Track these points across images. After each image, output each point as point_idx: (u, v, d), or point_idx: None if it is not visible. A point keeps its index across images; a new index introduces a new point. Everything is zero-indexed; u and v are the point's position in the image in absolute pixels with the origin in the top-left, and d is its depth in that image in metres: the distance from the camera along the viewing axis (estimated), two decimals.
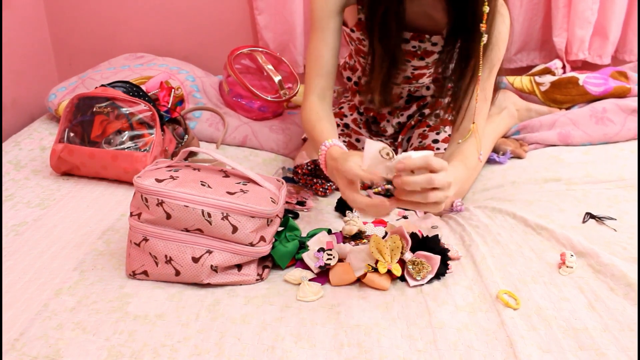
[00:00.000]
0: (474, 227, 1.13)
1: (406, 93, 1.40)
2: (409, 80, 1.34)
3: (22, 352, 0.80)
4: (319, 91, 1.16)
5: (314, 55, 1.17)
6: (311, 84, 1.17)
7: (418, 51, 1.24)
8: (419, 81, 1.34)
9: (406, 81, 1.34)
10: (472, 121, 1.11)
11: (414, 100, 1.43)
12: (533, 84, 1.69)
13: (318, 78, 1.17)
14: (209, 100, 1.69)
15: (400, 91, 1.39)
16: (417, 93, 1.41)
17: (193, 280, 0.94)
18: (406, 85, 1.37)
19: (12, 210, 1.19)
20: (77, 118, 1.32)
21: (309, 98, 1.16)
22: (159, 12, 1.92)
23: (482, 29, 1.01)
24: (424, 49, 1.23)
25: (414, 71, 1.30)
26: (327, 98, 1.18)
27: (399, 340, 0.83)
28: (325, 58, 1.16)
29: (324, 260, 0.96)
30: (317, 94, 1.16)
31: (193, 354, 0.80)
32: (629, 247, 1.03)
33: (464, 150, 1.11)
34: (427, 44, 1.22)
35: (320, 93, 1.17)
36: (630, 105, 1.51)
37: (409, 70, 1.30)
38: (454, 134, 1.17)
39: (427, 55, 1.25)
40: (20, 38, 1.83)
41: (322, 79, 1.16)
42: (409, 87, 1.37)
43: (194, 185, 0.93)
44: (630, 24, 1.77)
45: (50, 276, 0.97)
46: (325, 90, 1.17)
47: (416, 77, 1.32)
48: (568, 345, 0.81)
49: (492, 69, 1.15)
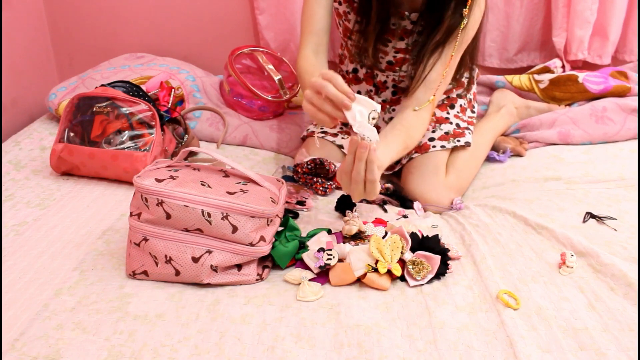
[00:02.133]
0: (474, 226, 1.13)
1: (391, 83, 1.41)
2: (392, 67, 1.35)
3: (22, 352, 0.80)
4: (313, 46, 1.22)
5: (307, 14, 1.23)
6: (305, 40, 1.22)
7: (398, 29, 1.25)
8: (402, 68, 1.35)
9: (389, 67, 1.35)
10: (431, 94, 1.16)
11: (400, 91, 1.43)
12: (532, 82, 1.69)
13: (311, 35, 1.22)
14: (209, 100, 1.69)
15: (384, 79, 1.40)
16: (402, 84, 1.41)
17: (193, 280, 0.94)
18: (390, 74, 1.38)
19: (12, 210, 1.19)
20: (77, 118, 1.32)
21: (303, 52, 1.22)
22: (159, 12, 1.92)
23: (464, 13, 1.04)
24: (403, 27, 1.25)
25: (396, 54, 1.31)
26: (321, 53, 1.23)
27: (399, 340, 0.83)
28: (318, 15, 1.22)
29: (324, 260, 0.96)
30: (311, 49, 1.22)
31: (193, 354, 0.80)
32: (629, 247, 1.03)
33: (412, 122, 1.16)
34: (406, 22, 1.24)
35: (314, 48, 1.22)
36: (630, 104, 1.51)
37: (390, 54, 1.32)
38: (408, 100, 1.20)
39: (407, 35, 1.27)
40: (20, 38, 1.83)
41: (315, 35, 1.22)
42: (393, 75, 1.38)
43: (194, 185, 0.93)
44: (630, 24, 1.77)
45: (50, 276, 0.97)
46: (319, 46, 1.22)
47: (398, 62, 1.33)
48: (568, 345, 0.81)
49: (459, 51, 1.19)
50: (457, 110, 1.41)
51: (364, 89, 1.44)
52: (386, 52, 1.32)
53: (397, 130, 1.13)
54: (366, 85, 1.42)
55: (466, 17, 1.07)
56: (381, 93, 1.43)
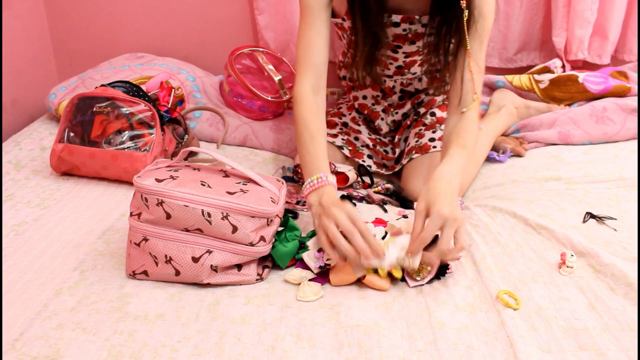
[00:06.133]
0: (474, 226, 1.13)
1: (399, 88, 1.41)
2: (401, 70, 1.34)
3: (22, 352, 0.80)
4: (312, 82, 1.13)
5: (305, 44, 1.13)
6: (303, 73, 1.13)
7: (409, 34, 1.24)
8: (410, 70, 1.35)
9: (398, 71, 1.35)
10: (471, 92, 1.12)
11: (407, 96, 1.43)
12: (532, 82, 1.68)
13: (310, 68, 1.13)
14: (209, 100, 1.69)
15: (392, 84, 1.40)
16: (410, 87, 1.41)
17: (193, 280, 0.94)
18: (398, 78, 1.38)
19: (12, 210, 1.19)
20: (77, 118, 1.32)
21: (301, 87, 1.12)
22: (159, 12, 1.92)
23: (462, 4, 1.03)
24: (414, 31, 1.24)
25: (406, 59, 1.31)
26: (321, 89, 1.14)
27: (399, 340, 0.83)
28: (317, 47, 1.13)
29: (324, 261, 0.96)
30: (310, 85, 1.12)
31: (193, 354, 0.80)
32: (629, 247, 1.03)
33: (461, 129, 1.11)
34: (417, 25, 1.23)
35: (313, 84, 1.13)
36: (630, 104, 1.51)
37: (400, 59, 1.31)
38: (452, 107, 1.16)
39: (418, 38, 1.25)
40: (20, 38, 1.83)
41: (315, 69, 1.13)
42: (402, 79, 1.38)
43: (194, 185, 0.93)
44: (630, 24, 1.77)
45: (50, 276, 0.97)
46: (318, 80, 1.13)
47: (408, 65, 1.33)
48: (568, 345, 0.81)
49: (482, 41, 1.15)
50: None
51: (370, 95, 1.44)
52: (396, 59, 1.31)
53: (454, 142, 1.09)
54: (372, 91, 1.42)
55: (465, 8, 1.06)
56: (388, 98, 1.43)
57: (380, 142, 1.45)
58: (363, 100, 1.45)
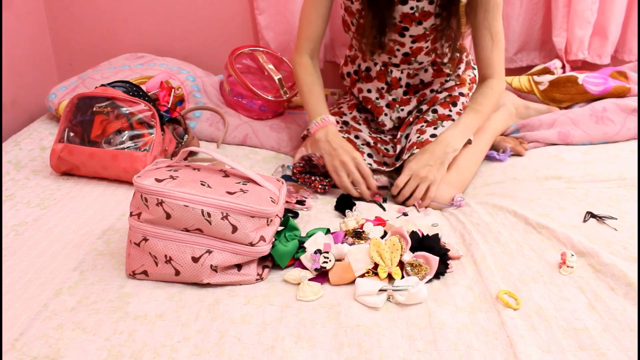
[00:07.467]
0: (474, 225, 1.13)
1: (405, 80, 1.42)
2: (408, 58, 1.37)
3: (22, 352, 0.80)
4: (309, 52, 1.42)
5: (306, 20, 1.39)
6: (302, 44, 1.41)
7: (416, 12, 1.28)
8: (417, 59, 1.37)
9: (405, 59, 1.37)
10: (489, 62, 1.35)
11: (411, 91, 1.43)
12: (532, 83, 1.68)
13: (308, 41, 1.41)
14: (209, 100, 1.69)
15: (399, 75, 1.41)
16: (415, 79, 1.42)
17: (193, 280, 0.94)
18: (405, 68, 1.39)
19: (12, 210, 1.19)
20: (77, 118, 1.32)
21: (300, 56, 1.42)
22: (159, 12, 1.92)
23: None
24: (421, 9, 1.28)
25: (412, 44, 1.33)
26: (315, 58, 1.44)
27: (399, 340, 0.83)
28: (316, 24, 1.39)
29: (319, 263, 0.96)
30: (307, 54, 1.42)
31: (193, 354, 0.80)
32: (630, 247, 1.03)
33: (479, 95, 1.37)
34: (424, 2, 1.28)
35: (310, 54, 1.42)
36: (630, 104, 1.51)
37: (407, 44, 1.34)
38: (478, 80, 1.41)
39: (425, 17, 1.29)
40: (20, 38, 1.83)
41: (312, 42, 1.41)
42: (408, 69, 1.40)
43: (194, 185, 0.93)
44: (630, 24, 1.77)
45: (50, 276, 0.97)
46: (314, 51, 1.43)
47: (415, 52, 1.35)
48: (568, 345, 0.81)
49: (497, 11, 1.31)
50: (459, 108, 1.41)
51: (375, 88, 1.44)
52: (403, 44, 1.34)
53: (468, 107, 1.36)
54: (378, 82, 1.43)
55: None
56: (392, 91, 1.43)
57: (381, 140, 1.45)
58: (367, 94, 1.46)
